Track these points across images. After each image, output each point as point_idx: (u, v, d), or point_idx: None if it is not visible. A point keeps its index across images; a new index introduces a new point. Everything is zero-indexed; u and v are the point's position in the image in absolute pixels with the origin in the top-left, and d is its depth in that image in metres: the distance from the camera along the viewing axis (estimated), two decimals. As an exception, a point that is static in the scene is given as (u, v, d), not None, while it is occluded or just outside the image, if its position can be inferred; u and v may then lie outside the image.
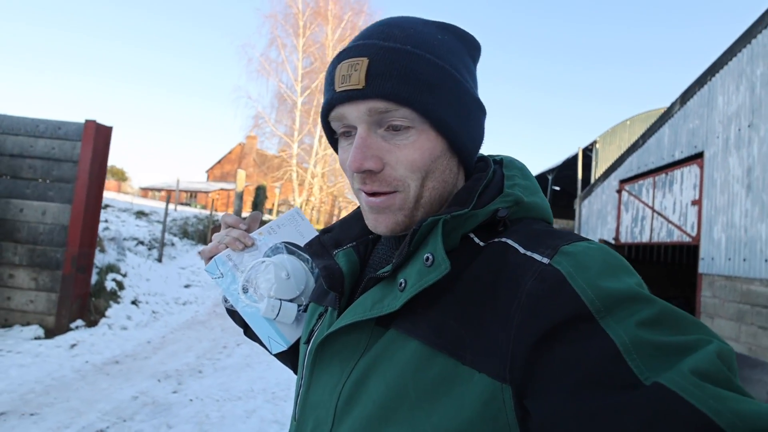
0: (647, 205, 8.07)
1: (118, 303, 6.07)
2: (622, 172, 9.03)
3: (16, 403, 3.42)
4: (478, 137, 0.60)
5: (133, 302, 6.34)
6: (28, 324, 5.16)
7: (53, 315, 5.20)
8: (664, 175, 7.61)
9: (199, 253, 0.82)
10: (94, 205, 5.48)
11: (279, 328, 0.76)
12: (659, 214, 7.62)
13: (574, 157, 17.62)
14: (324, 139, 23.58)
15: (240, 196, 17.71)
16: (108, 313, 5.76)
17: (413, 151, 0.54)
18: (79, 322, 5.36)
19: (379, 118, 0.54)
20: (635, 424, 0.35)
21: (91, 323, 5.49)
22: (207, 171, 49.76)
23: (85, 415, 3.33)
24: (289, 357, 0.82)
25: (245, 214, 17.87)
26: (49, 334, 5.07)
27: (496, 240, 0.53)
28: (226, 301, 0.82)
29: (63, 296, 5.22)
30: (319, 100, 22.99)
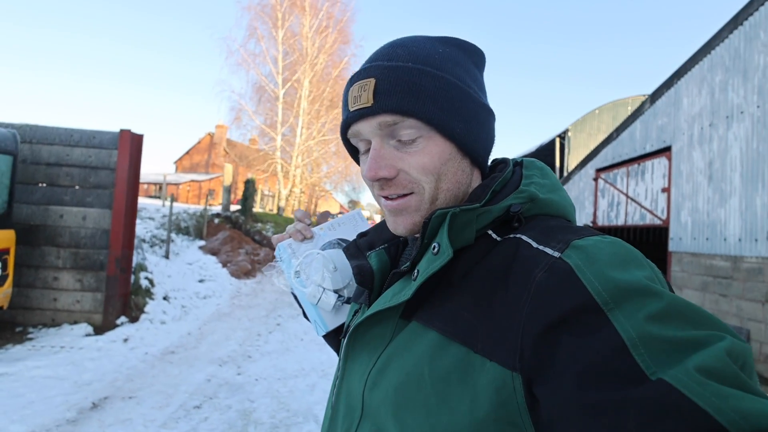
0: (622, 192, 8.95)
1: (152, 299, 6.46)
2: (598, 161, 9.89)
3: (110, 390, 3.87)
4: (487, 138, 0.63)
5: (165, 298, 6.74)
6: (75, 322, 5.51)
7: (100, 313, 5.56)
8: (636, 165, 8.48)
9: (272, 239, 0.92)
10: (131, 209, 5.83)
11: (322, 314, 0.83)
12: (633, 200, 8.51)
13: (549, 144, 18.59)
14: (305, 130, 23.80)
15: (228, 190, 17.86)
16: (146, 309, 6.15)
17: (423, 156, 0.58)
18: (123, 318, 5.75)
19: (390, 130, 0.58)
20: (637, 419, 0.36)
21: (133, 319, 5.87)
22: (175, 162, 48.65)
23: (175, 396, 3.81)
24: (333, 342, 0.90)
25: (234, 207, 17.94)
26: (98, 330, 5.45)
27: (511, 236, 0.55)
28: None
29: (109, 295, 5.59)
30: (299, 91, 23.09)
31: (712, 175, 6.35)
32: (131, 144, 5.74)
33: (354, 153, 0.68)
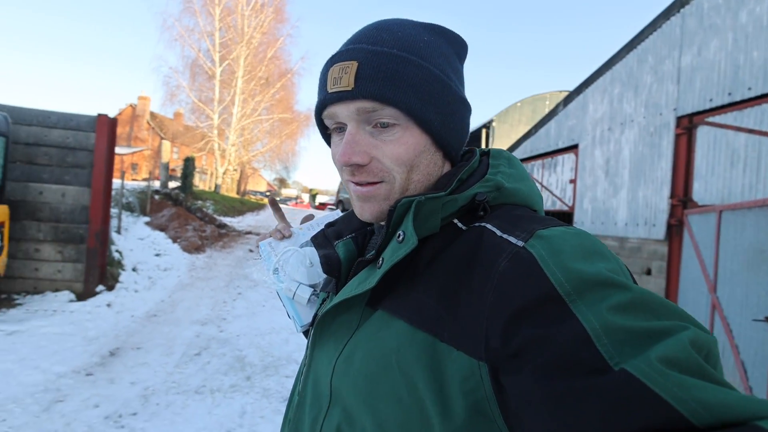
0: (538, 181, 10.24)
1: (124, 270, 7.03)
2: (519, 153, 11.31)
3: (118, 342, 4.64)
4: (462, 133, 0.63)
5: (134, 269, 7.30)
6: (57, 290, 6.01)
7: (81, 282, 6.10)
8: (550, 158, 9.86)
9: (257, 240, 0.94)
10: (106, 187, 6.34)
11: (298, 309, 0.84)
12: (546, 188, 9.90)
13: (476, 132, 20.32)
14: (240, 108, 23.72)
15: (166, 167, 17.73)
16: (120, 279, 6.73)
17: (398, 146, 0.58)
18: (101, 287, 6.31)
19: (367, 116, 0.57)
20: (599, 409, 0.36)
21: (110, 288, 6.45)
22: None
23: (174, 347, 4.66)
24: None
25: (173, 184, 17.84)
26: (80, 297, 6.00)
27: (476, 224, 0.55)
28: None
29: (89, 266, 6.13)
30: (236, 71, 22.91)
31: (609, 170, 7.54)
32: (108, 128, 6.23)
33: (325, 134, 0.66)
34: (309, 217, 0.98)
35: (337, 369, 0.57)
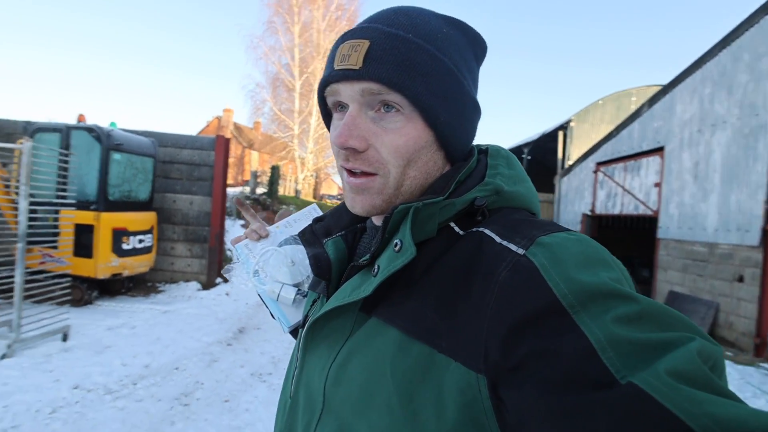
0: (619, 184, 10.05)
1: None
2: (599, 156, 11.10)
3: (242, 323, 5.66)
4: (468, 135, 0.60)
5: (242, 266, 8.54)
6: (188, 281, 7.30)
7: (205, 275, 7.37)
8: (633, 161, 9.52)
9: (230, 241, 0.92)
10: (223, 196, 7.54)
11: (283, 310, 0.84)
12: (628, 192, 9.63)
13: (550, 134, 19.76)
14: (318, 120, 25.37)
15: (255, 175, 19.53)
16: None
17: (399, 137, 0.54)
18: (219, 279, 7.52)
19: (371, 99, 0.54)
20: (608, 424, 0.35)
21: (226, 280, 7.65)
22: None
23: (286, 328, 5.56)
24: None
25: (261, 190, 19.65)
26: (205, 287, 7.24)
27: (473, 229, 0.53)
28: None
29: (211, 261, 7.38)
30: (312, 82, 24.53)
31: (698, 174, 7.27)
32: (223, 147, 7.41)
33: (327, 114, 0.63)
34: (284, 214, 0.95)
35: (330, 376, 0.55)
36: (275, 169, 19.07)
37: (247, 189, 18.58)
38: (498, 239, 0.49)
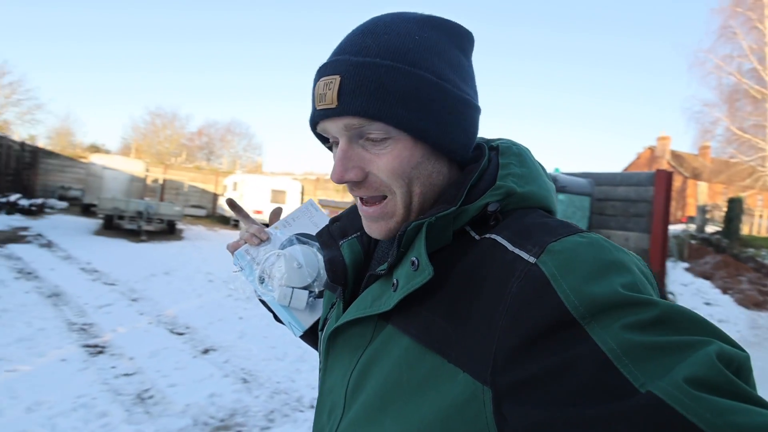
0: None
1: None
2: None
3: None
4: (466, 135, 0.58)
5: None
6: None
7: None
8: None
9: (226, 247, 0.87)
10: (663, 234, 6.96)
11: (295, 314, 0.80)
12: None
13: None
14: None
15: (703, 210, 16.59)
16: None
17: (392, 159, 0.55)
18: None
19: (357, 131, 0.55)
20: None
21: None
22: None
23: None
24: (310, 339, 0.86)
25: (711, 228, 16.47)
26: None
27: (486, 236, 0.52)
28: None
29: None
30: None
31: None
32: (665, 181, 6.85)
33: (327, 144, 0.64)
34: (277, 211, 0.90)
35: (351, 382, 0.56)
36: (735, 203, 15.49)
37: (692, 227, 16.02)
38: (510, 247, 0.48)
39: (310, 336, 0.84)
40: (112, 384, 3.64)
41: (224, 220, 18.63)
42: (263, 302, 0.85)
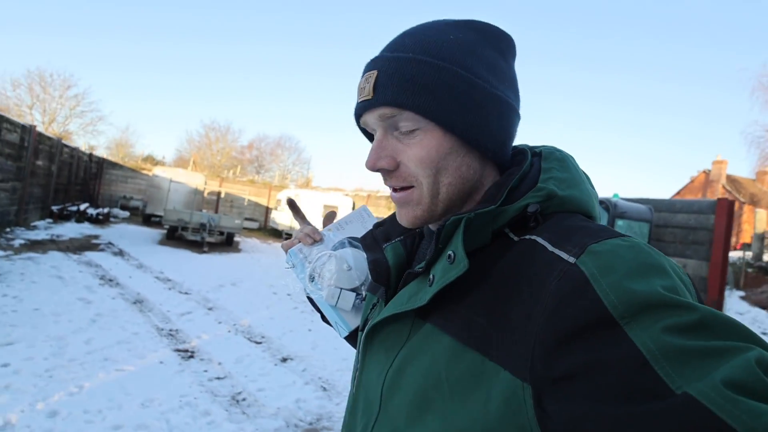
0: None
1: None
2: None
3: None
4: (499, 132, 0.59)
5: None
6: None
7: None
8: None
9: (281, 246, 0.91)
10: (723, 262, 6.91)
11: (342, 315, 0.82)
12: None
13: None
14: None
15: (761, 238, 15.91)
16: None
17: (420, 149, 0.57)
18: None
19: (391, 121, 0.58)
20: None
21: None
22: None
23: None
24: (355, 341, 0.86)
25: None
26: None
27: (526, 237, 0.52)
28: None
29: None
30: None
31: None
32: (727, 210, 6.82)
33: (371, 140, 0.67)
34: (330, 215, 0.94)
35: (387, 380, 0.57)
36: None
37: (749, 254, 15.34)
38: (550, 247, 0.49)
39: (355, 338, 0.86)
40: (207, 386, 4.00)
41: (277, 234, 19.00)
42: (311, 301, 0.90)
